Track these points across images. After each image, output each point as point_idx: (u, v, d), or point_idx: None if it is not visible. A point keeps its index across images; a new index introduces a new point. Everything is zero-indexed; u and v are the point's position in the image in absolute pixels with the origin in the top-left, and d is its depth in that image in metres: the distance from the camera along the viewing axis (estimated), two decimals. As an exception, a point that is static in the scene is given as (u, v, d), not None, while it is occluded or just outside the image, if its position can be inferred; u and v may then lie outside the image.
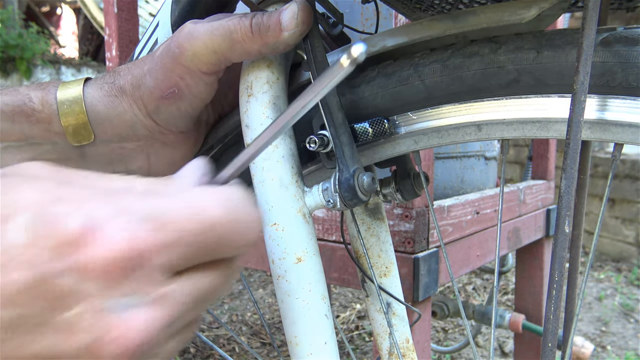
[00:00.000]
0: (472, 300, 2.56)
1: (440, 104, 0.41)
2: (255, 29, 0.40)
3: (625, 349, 2.10)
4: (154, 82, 0.43)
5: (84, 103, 0.43)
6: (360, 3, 0.49)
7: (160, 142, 0.47)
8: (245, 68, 0.44)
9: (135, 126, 0.45)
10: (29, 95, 0.43)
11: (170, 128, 0.46)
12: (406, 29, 0.41)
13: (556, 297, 0.32)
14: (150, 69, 0.43)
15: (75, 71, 5.00)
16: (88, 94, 0.44)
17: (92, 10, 4.26)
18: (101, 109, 0.44)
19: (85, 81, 0.45)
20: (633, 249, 3.22)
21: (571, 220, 0.32)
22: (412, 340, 0.57)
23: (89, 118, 0.44)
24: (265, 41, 0.40)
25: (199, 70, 0.42)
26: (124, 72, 0.45)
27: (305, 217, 0.41)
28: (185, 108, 0.44)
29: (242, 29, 0.40)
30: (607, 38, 0.34)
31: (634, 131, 0.34)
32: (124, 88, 0.44)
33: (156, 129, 0.45)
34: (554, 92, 0.36)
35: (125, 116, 0.44)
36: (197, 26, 0.41)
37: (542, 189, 1.46)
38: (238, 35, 0.40)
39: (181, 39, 0.41)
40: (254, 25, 0.40)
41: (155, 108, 0.44)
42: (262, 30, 0.40)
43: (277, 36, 0.40)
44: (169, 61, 0.42)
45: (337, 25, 0.49)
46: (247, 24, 0.40)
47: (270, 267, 0.41)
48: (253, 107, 0.42)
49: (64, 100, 0.43)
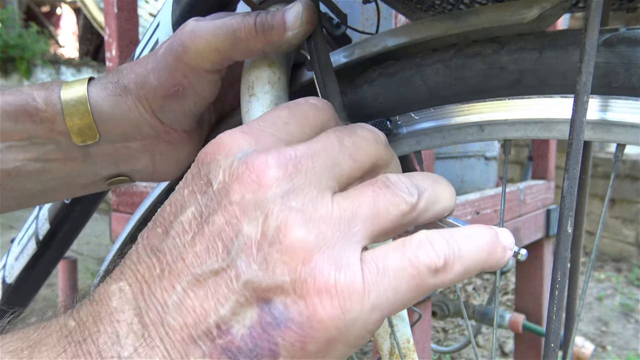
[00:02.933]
0: (472, 300, 2.56)
1: (442, 104, 0.40)
2: (259, 28, 0.40)
3: (625, 349, 2.10)
4: (157, 80, 0.43)
5: (89, 103, 0.43)
6: (361, 3, 0.49)
7: (165, 141, 0.47)
8: (247, 68, 0.44)
9: (140, 125, 0.45)
10: (32, 95, 0.43)
11: (175, 127, 0.46)
12: (407, 28, 0.41)
13: (559, 298, 0.32)
14: (154, 68, 0.43)
15: (75, 71, 5.00)
16: (92, 93, 0.44)
17: (92, 10, 4.26)
18: (106, 109, 0.44)
19: (89, 81, 0.45)
20: (633, 249, 3.22)
21: (573, 221, 0.32)
22: (412, 340, 0.57)
23: (94, 118, 0.44)
24: (268, 40, 0.40)
25: (203, 68, 0.42)
26: (127, 71, 0.45)
27: (306, 217, 0.41)
28: (190, 106, 0.44)
29: (246, 28, 0.40)
30: (609, 39, 0.34)
31: (636, 132, 0.34)
32: (128, 87, 0.44)
33: (161, 127, 0.45)
34: (557, 92, 0.36)
35: (130, 115, 0.44)
36: (199, 24, 0.41)
37: (542, 189, 1.47)
38: (242, 33, 0.40)
39: (184, 37, 0.41)
40: (258, 24, 0.40)
41: (159, 107, 0.44)
42: (266, 29, 0.40)
43: (280, 35, 0.40)
44: (172, 59, 0.42)
45: (341, 26, 0.49)
46: (251, 23, 0.40)
47: (272, 268, 0.41)
48: (254, 107, 0.42)
49: (69, 100, 0.43)
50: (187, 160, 0.49)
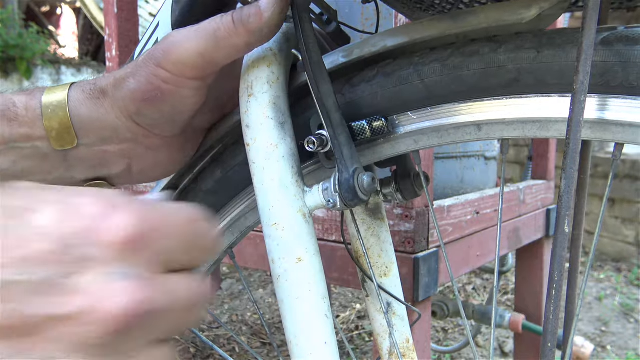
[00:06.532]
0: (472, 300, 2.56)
1: (440, 103, 0.40)
2: (237, 21, 0.40)
3: (625, 349, 2.10)
4: (136, 84, 0.43)
5: (68, 107, 0.43)
6: (361, 3, 0.49)
7: (144, 146, 0.47)
8: (246, 68, 0.44)
9: (117, 129, 0.45)
10: (12, 100, 0.43)
11: (155, 132, 0.45)
12: (406, 29, 0.41)
13: (556, 297, 0.32)
14: (133, 72, 0.43)
15: (75, 71, 5.01)
16: (72, 97, 0.44)
17: (92, 10, 4.26)
18: (83, 112, 0.44)
19: (71, 85, 0.45)
20: (633, 249, 3.22)
21: (571, 220, 0.32)
22: (412, 340, 0.57)
23: (72, 122, 0.43)
24: (248, 29, 0.40)
25: (184, 75, 0.42)
26: (107, 75, 0.45)
27: (305, 217, 0.41)
28: (170, 112, 0.44)
29: (225, 24, 0.41)
30: (607, 37, 0.34)
31: (634, 131, 0.34)
32: (105, 90, 0.44)
33: (140, 132, 0.45)
34: (555, 91, 0.36)
35: (107, 118, 0.44)
36: (180, 31, 0.42)
37: (542, 189, 1.46)
38: (222, 32, 0.41)
39: (165, 44, 0.42)
40: (235, 19, 0.41)
41: (136, 110, 0.44)
42: (244, 20, 0.40)
43: (259, 21, 0.40)
44: (152, 65, 0.42)
45: (331, 22, 0.49)
46: (229, 19, 0.41)
47: (270, 267, 0.41)
48: (253, 107, 0.42)
49: (48, 104, 0.43)
50: (168, 166, 0.49)
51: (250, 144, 0.42)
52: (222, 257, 0.56)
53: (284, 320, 0.41)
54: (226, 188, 0.51)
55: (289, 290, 0.40)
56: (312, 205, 0.42)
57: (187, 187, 0.53)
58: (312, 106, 0.45)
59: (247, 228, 0.53)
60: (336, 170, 0.40)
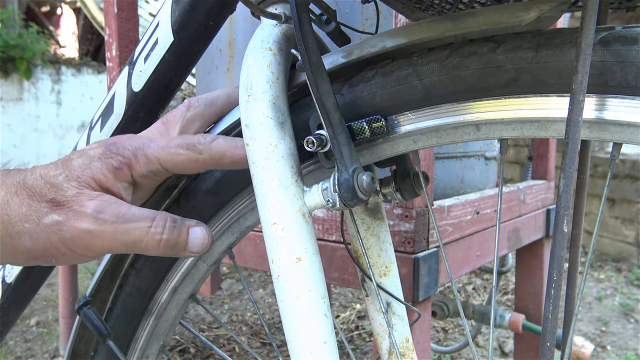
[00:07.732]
0: (472, 300, 2.56)
1: (438, 103, 0.41)
2: (164, 244, 0.43)
3: (625, 349, 2.10)
4: (32, 244, 0.41)
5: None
6: (361, 3, 0.49)
7: None
8: (245, 68, 0.44)
9: None
10: None
11: None
12: (405, 30, 0.41)
13: (555, 297, 0.32)
14: (31, 232, 0.41)
15: (75, 71, 5.00)
16: None
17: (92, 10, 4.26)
18: None
19: None
20: (633, 249, 3.22)
21: (570, 220, 0.32)
22: (411, 340, 0.57)
23: None
24: (167, 253, 0.43)
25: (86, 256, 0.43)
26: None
27: (304, 216, 0.41)
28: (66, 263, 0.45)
29: (149, 241, 0.42)
30: (605, 37, 0.34)
31: (632, 130, 0.34)
32: None
33: None
34: (553, 91, 0.36)
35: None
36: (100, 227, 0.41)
37: (542, 189, 1.47)
38: (142, 245, 0.42)
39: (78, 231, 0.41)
40: (163, 241, 0.42)
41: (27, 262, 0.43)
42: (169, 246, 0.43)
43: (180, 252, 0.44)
44: (56, 240, 0.41)
45: (330, 22, 0.49)
46: (156, 239, 0.42)
47: (270, 267, 0.41)
48: (253, 107, 0.42)
49: None
50: None
51: (249, 144, 0.42)
52: (221, 257, 0.56)
53: (284, 320, 0.41)
54: (225, 188, 0.51)
55: (289, 290, 0.40)
56: (312, 205, 0.42)
57: (186, 186, 0.53)
58: (312, 106, 0.45)
59: (247, 228, 0.53)
60: (335, 170, 0.40)
